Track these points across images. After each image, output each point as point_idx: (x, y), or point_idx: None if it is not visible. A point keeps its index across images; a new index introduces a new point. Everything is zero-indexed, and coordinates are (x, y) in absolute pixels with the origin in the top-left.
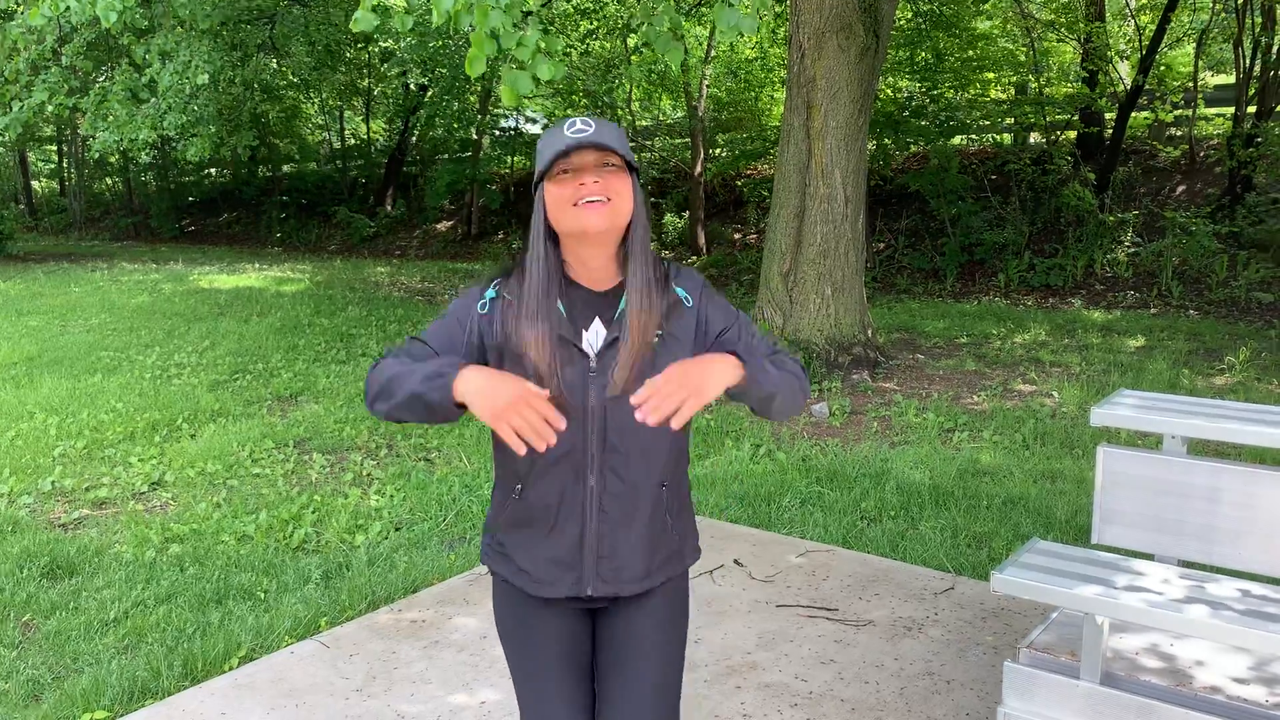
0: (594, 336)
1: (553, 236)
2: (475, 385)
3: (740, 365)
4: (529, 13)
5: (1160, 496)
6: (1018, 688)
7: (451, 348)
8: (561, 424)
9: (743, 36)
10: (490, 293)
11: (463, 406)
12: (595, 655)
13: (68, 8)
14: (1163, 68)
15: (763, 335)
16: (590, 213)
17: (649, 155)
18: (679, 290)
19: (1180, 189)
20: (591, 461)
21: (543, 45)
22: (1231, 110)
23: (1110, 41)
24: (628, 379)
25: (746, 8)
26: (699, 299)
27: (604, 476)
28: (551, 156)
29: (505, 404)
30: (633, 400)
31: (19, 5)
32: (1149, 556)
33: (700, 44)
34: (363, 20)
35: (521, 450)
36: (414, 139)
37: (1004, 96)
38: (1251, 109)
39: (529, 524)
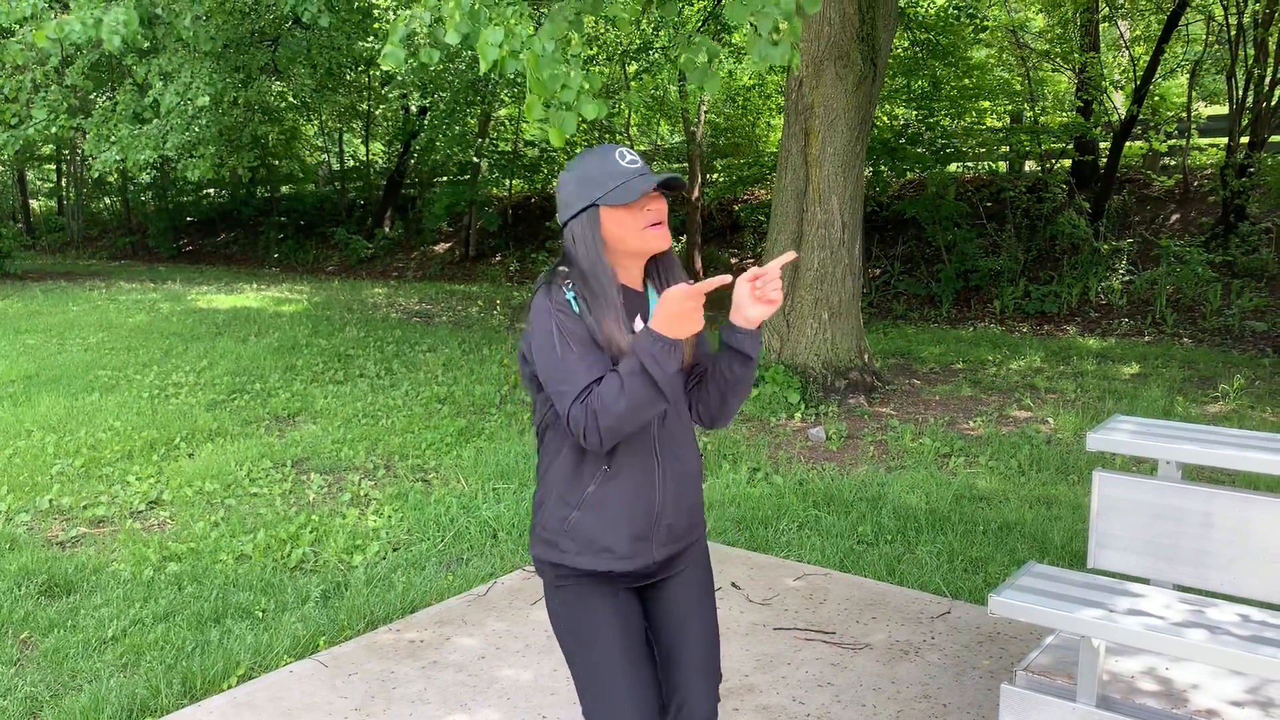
0: (639, 326)
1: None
2: (670, 327)
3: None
4: (573, 55)
5: (1155, 521)
6: (1014, 710)
7: (596, 349)
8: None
9: (771, 69)
10: (569, 294)
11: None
12: (654, 626)
13: (70, 32)
14: (1157, 98)
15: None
16: (656, 235)
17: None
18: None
19: (1174, 218)
20: (655, 442)
21: (586, 86)
22: (1225, 140)
23: (1105, 72)
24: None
25: (777, 40)
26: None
27: (665, 454)
28: (621, 185)
29: (690, 301)
30: (756, 276)
31: (19, 24)
32: (1144, 581)
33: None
34: (390, 56)
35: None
36: (413, 161)
37: (999, 125)
38: (1244, 139)
39: (611, 504)
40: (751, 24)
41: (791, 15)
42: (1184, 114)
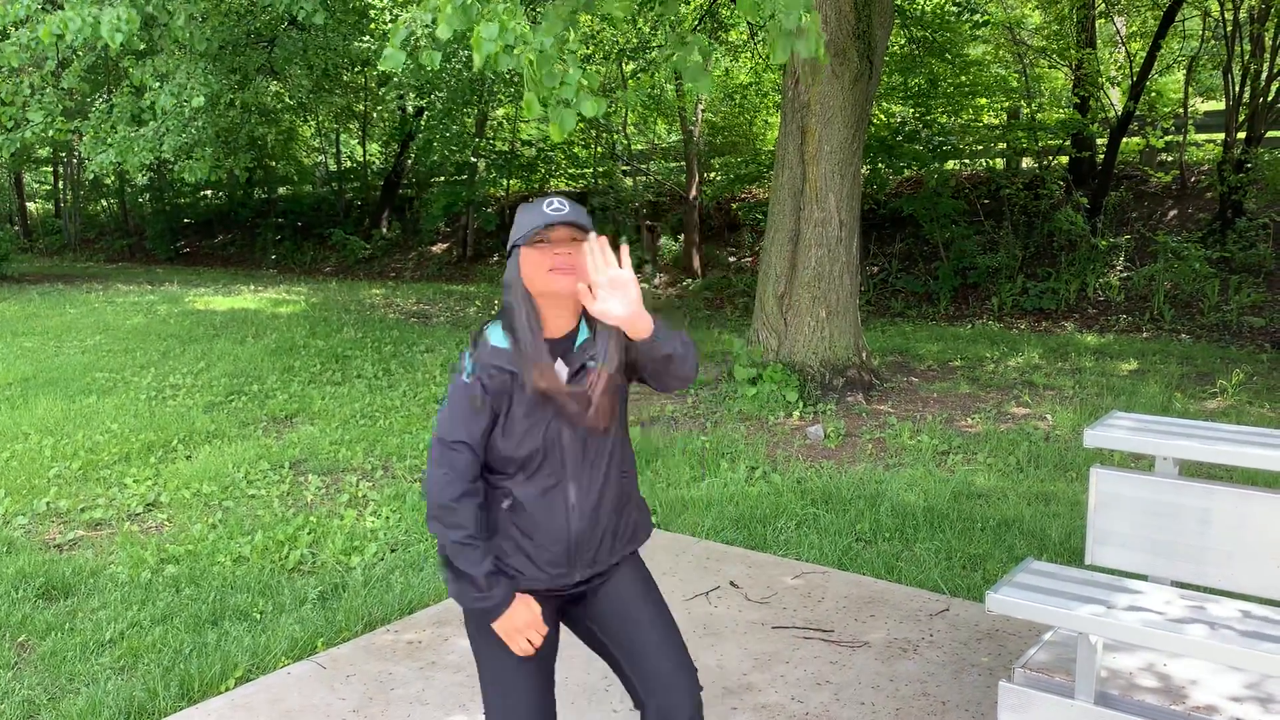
0: (563, 373)
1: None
2: (501, 621)
3: (650, 317)
4: (572, 51)
5: (1153, 518)
6: (1013, 708)
7: (478, 433)
8: (544, 632)
9: (768, 66)
10: (471, 367)
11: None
12: (600, 629)
13: (69, 30)
14: (1153, 94)
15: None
16: (561, 278)
17: (644, 179)
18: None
19: (1171, 214)
20: (564, 473)
21: (584, 83)
22: (1222, 136)
23: (1101, 68)
24: (602, 406)
25: (801, 27)
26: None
27: (575, 484)
28: (532, 229)
29: (515, 631)
30: (592, 272)
31: (15, 26)
32: (1142, 577)
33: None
34: (390, 59)
35: (521, 652)
36: (410, 161)
37: (997, 122)
38: (1241, 135)
39: (520, 532)
40: (775, 18)
41: (811, 7)
42: (1181, 110)
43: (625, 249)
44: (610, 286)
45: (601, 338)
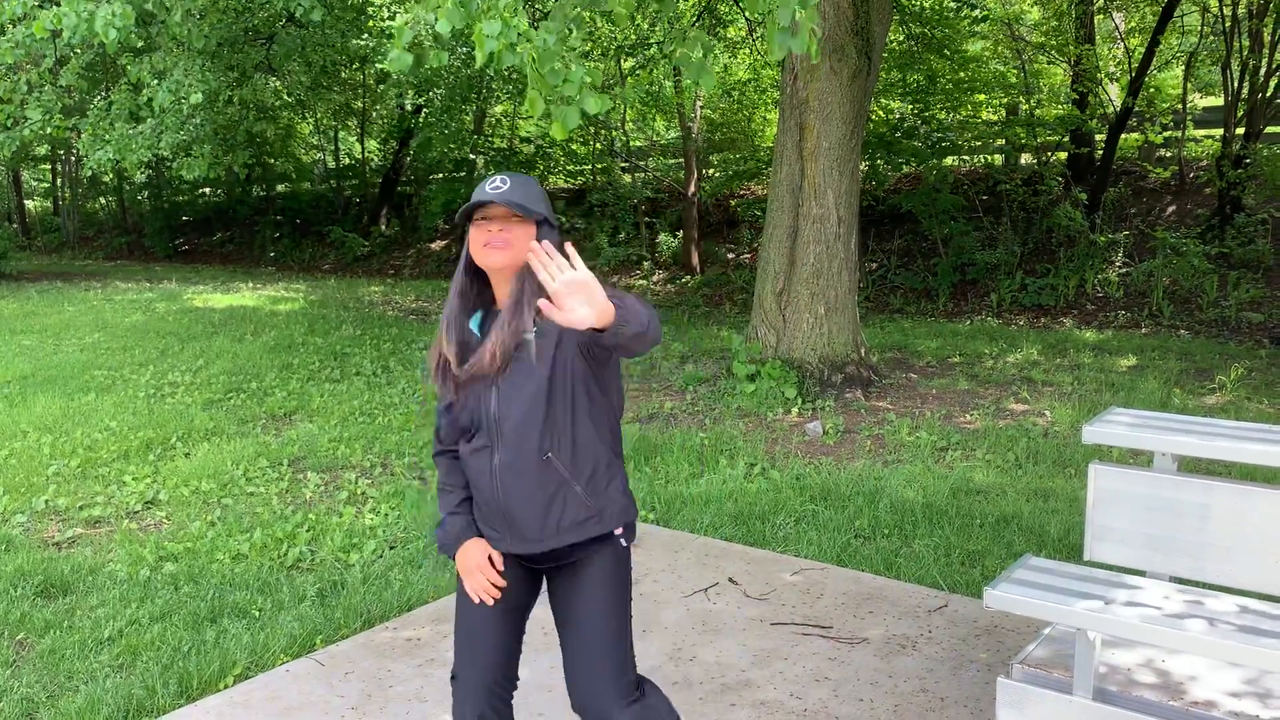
0: (493, 334)
1: (476, 268)
2: (458, 556)
3: (614, 310)
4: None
5: (1151, 513)
6: (1011, 704)
7: (444, 405)
8: (498, 590)
9: (766, 63)
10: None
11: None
12: (554, 613)
13: (64, 25)
14: (1152, 90)
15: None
16: (493, 252)
17: (643, 176)
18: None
19: (1170, 210)
20: (491, 440)
21: (588, 80)
22: (1220, 132)
23: (1100, 64)
24: (484, 363)
25: (796, 22)
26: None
27: (499, 451)
28: (471, 204)
29: (467, 571)
30: (544, 279)
31: (11, 24)
32: (1140, 573)
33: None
34: (397, 60)
35: (477, 600)
36: (408, 159)
37: (995, 118)
38: (1240, 131)
39: (477, 499)
40: (772, 15)
41: (808, 3)
42: (1179, 106)
43: (570, 246)
44: (570, 292)
45: (513, 298)
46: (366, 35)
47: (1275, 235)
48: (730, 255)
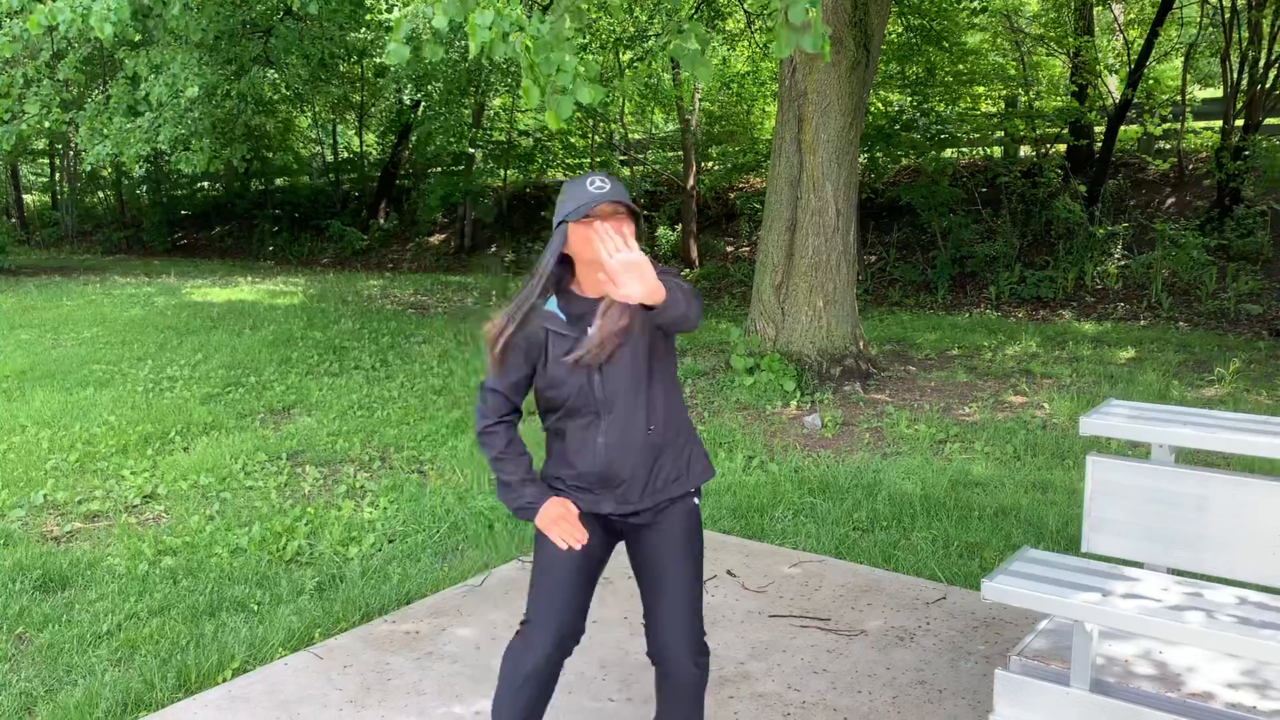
0: (591, 329)
1: (562, 260)
2: (536, 515)
3: (663, 287)
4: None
5: (1149, 505)
6: (1009, 695)
7: (507, 383)
8: (585, 537)
9: (765, 56)
10: (515, 318)
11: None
12: (635, 568)
13: (60, 20)
14: (1151, 81)
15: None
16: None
17: (641, 169)
18: None
19: (1169, 202)
20: (597, 414)
21: (581, 70)
22: (1219, 124)
23: (1099, 55)
24: (605, 342)
25: (807, 21)
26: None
27: (606, 424)
28: (581, 205)
29: (552, 522)
30: (603, 257)
31: (8, 17)
32: (1138, 565)
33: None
34: (395, 53)
35: (566, 548)
36: (407, 152)
37: (994, 110)
38: (1239, 122)
39: (560, 460)
40: (779, 12)
41: (817, 1)
42: (1179, 97)
43: (631, 230)
44: (625, 270)
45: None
46: (365, 28)
47: (1274, 227)
48: (729, 248)
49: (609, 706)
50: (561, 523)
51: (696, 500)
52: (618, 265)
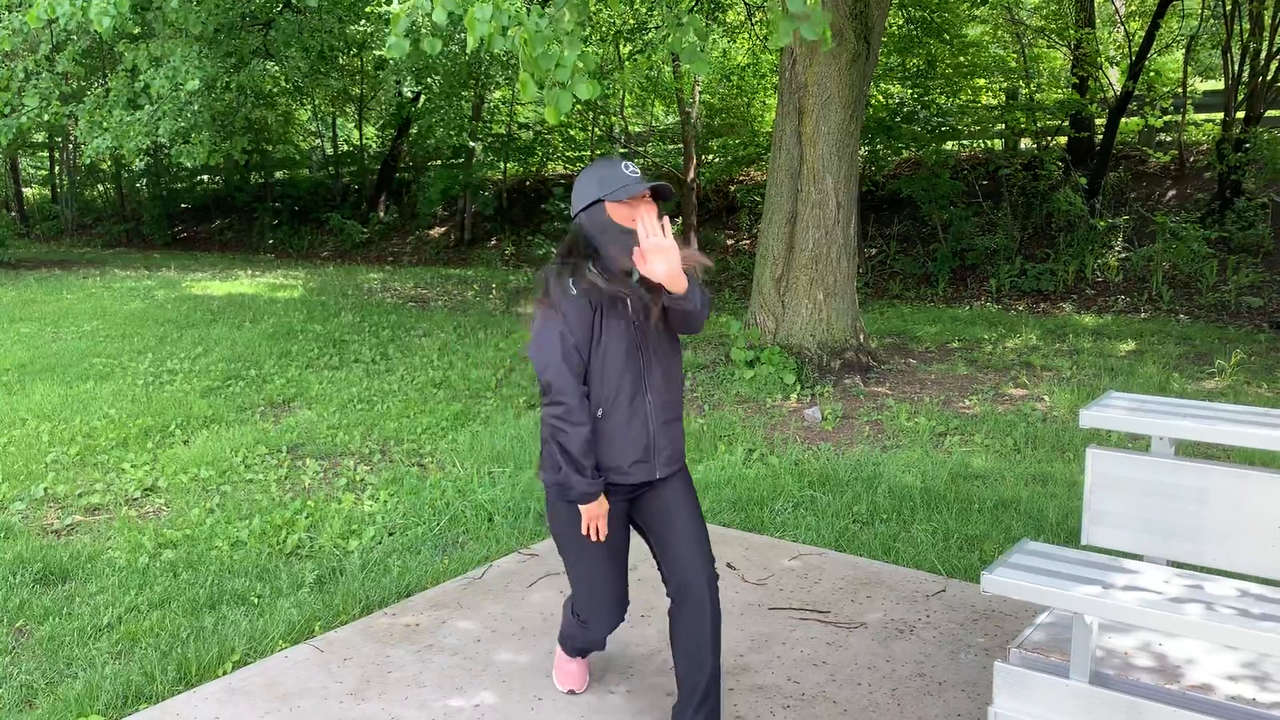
0: (637, 301)
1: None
2: (584, 509)
3: (685, 278)
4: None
5: (1149, 498)
6: (1008, 688)
7: (575, 361)
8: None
9: (765, 48)
10: (572, 284)
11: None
12: (646, 525)
13: (59, 13)
14: (1152, 73)
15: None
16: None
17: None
18: None
19: (1170, 194)
20: (645, 386)
21: (580, 65)
22: (1221, 116)
23: (1100, 47)
24: (655, 309)
25: (807, 10)
26: None
27: (654, 398)
28: (621, 187)
29: (595, 516)
30: (640, 236)
31: (6, 10)
32: (1138, 557)
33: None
34: (395, 47)
35: (597, 538)
36: (406, 145)
37: (995, 102)
38: (1240, 114)
39: (611, 436)
40: (778, 0)
41: None
42: (1180, 89)
43: (666, 220)
44: (655, 251)
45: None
46: (364, 20)
47: (1275, 219)
48: (729, 241)
49: (610, 700)
50: (599, 519)
51: None
52: (651, 246)
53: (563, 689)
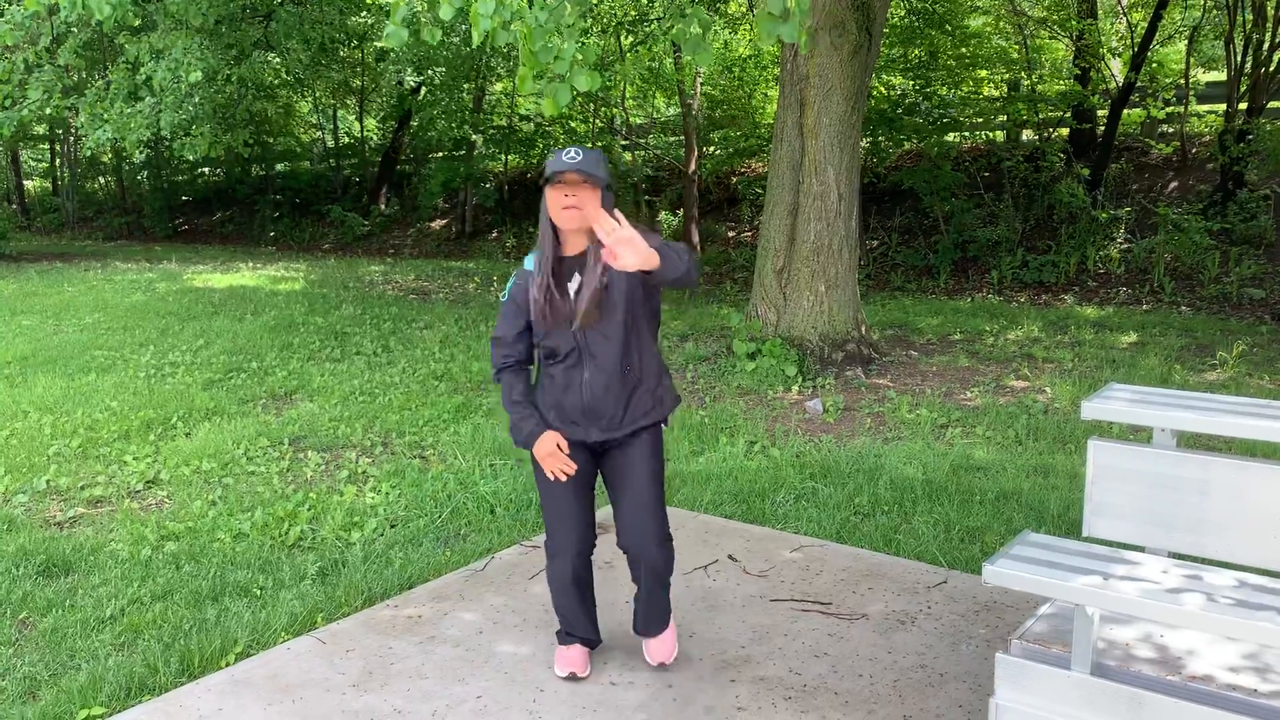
0: (574, 285)
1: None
2: (533, 446)
3: (656, 254)
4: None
5: (1151, 489)
6: (1009, 679)
7: (518, 327)
8: (572, 469)
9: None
10: (510, 286)
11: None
12: (607, 481)
13: (57, 4)
14: (1155, 64)
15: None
16: (565, 214)
17: (643, 153)
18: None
19: (1172, 185)
20: (580, 359)
21: (579, 57)
22: (1223, 107)
23: (1102, 39)
24: (589, 309)
25: (787, 9)
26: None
27: (589, 367)
28: (550, 172)
29: (546, 455)
30: (602, 237)
31: (7, 3)
32: (1139, 549)
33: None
34: (393, 36)
35: (554, 479)
36: (407, 137)
37: (997, 94)
38: (1243, 105)
39: (549, 397)
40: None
41: None
42: (1182, 80)
43: (595, 198)
44: (620, 245)
45: (589, 259)
46: (365, 12)
47: (1277, 211)
48: (730, 233)
49: (610, 691)
50: (551, 458)
51: (664, 425)
52: (613, 242)
53: (561, 673)
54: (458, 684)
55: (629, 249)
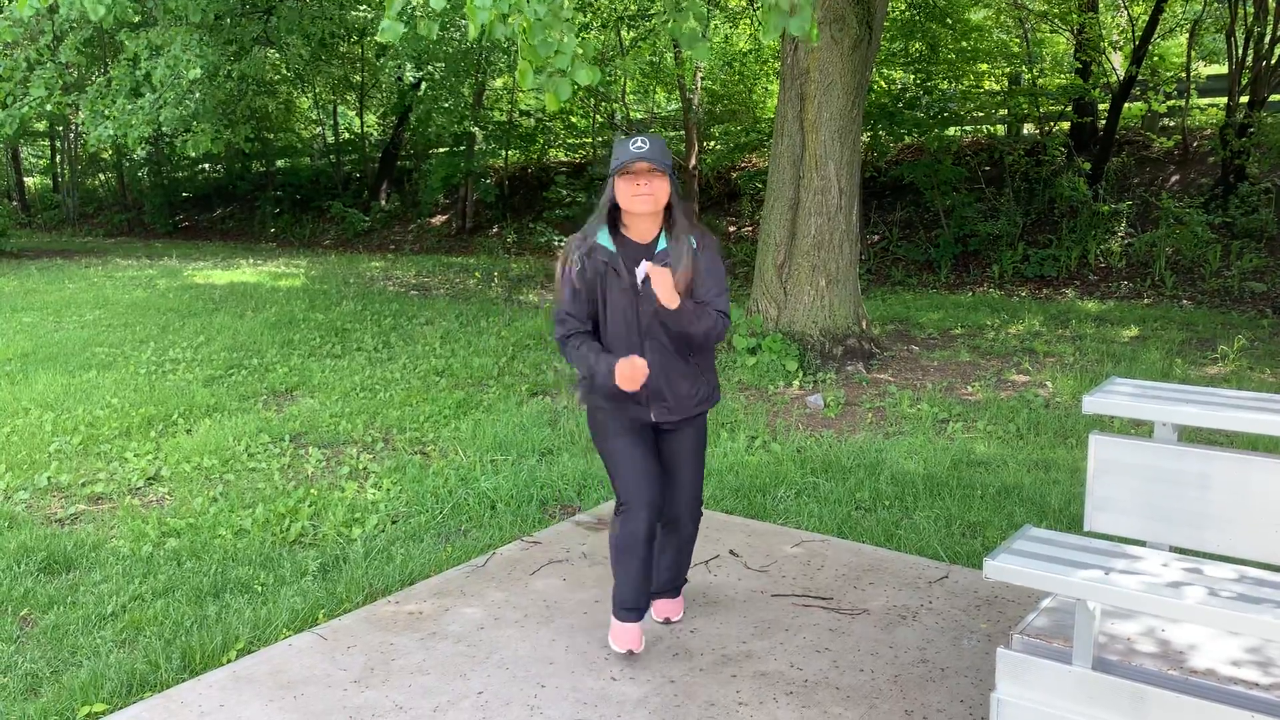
0: (640, 271)
1: (615, 208)
2: (616, 372)
3: (677, 300)
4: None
5: (1152, 483)
6: (1011, 674)
7: (582, 307)
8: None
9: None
10: (577, 256)
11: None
12: (662, 459)
13: (57, 3)
14: (1156, 58)
15: (717, 287)
16: (639, 200)
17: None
18: (690, 239)
19: (1174, 179)
20: (641, 345)
21: (580, 52)
22: (1224, 100)
23: (1103, 32)
24: (669, 293)
25: (795, 4)
26: (699, 244)
27: (651, 352)
28: (621, 162)
29: (629, 374)
30: (653, 278)
31: (6, 0)
32: (1141, 543)
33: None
34: (389, 30)
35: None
36: (408, 133)
37: (998, 88)
38: (1244, 99)
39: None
40: None
41: None
42: (1183, 74)
43: (665, 186)
44: (658, 278)
45: (674, 249)
46: (365, 7)
47: (1279, 204)
48: (731, 228)
49: (612, 686)
50: (636, 370)
51: (707, 413)
52: (650, 273)
53: (620, 650)
54: (459, 680)
55: (661, 285)
